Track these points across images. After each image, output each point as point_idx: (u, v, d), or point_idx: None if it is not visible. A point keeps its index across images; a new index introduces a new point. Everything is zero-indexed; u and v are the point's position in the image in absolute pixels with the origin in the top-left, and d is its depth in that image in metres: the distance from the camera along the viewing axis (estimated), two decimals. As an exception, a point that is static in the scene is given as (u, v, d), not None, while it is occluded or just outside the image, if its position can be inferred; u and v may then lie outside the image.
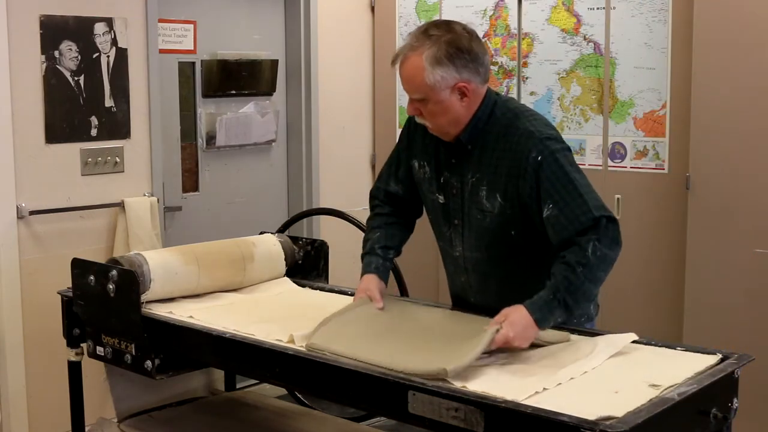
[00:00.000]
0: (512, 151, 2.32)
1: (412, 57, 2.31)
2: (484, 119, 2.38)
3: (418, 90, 2.32)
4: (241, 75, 4.47)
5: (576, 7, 4.21)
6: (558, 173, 2.28)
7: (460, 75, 2.30)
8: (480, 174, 2.39)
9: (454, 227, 2.49)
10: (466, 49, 2.30)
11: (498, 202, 2.35)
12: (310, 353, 2.27)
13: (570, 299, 2.21)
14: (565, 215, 2.25)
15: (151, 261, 2.78)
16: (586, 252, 2.21)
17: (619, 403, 1.88)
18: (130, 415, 3.05)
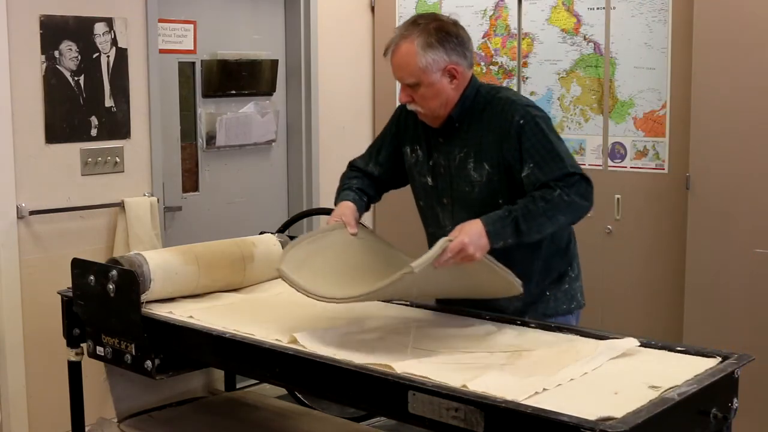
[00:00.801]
0: (497, 119, 2.50)
1: (404, 44, 2.48)
2: (471, 97, 2.55)
3: (412, 74, 2.48)
4: (241, 75, 4.47)
5: (576, 7, 4.21)
6: (539, 136, 2.44)
7: (450, 58, 2.48)
8: (467, 148, 2.54)
9: (443, 206, 2.63)
10: (454, 34, 2.51)
11: (486, 170, 2.51)
12: (310, 353, 2.27)
13: (523, 224, 2.36)
14: (543, 172, 2.41)
15: (151, 261, 2.78)
16: (552, 191, 2.37)
17: (619, 403, 1.88)
18: (130, 415, 3.05)
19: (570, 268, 2.67)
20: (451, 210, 2.61)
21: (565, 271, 2.66)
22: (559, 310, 2.64)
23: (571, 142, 4.26)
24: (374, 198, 2.83)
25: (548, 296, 2.63)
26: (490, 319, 2.59)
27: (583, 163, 4.23)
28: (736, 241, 3.66)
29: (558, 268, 2.64)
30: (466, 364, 2.17)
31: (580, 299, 2.70)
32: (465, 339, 2.41)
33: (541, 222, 2.38)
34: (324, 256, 2.56)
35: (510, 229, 2.35)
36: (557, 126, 4.28)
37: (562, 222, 2.43)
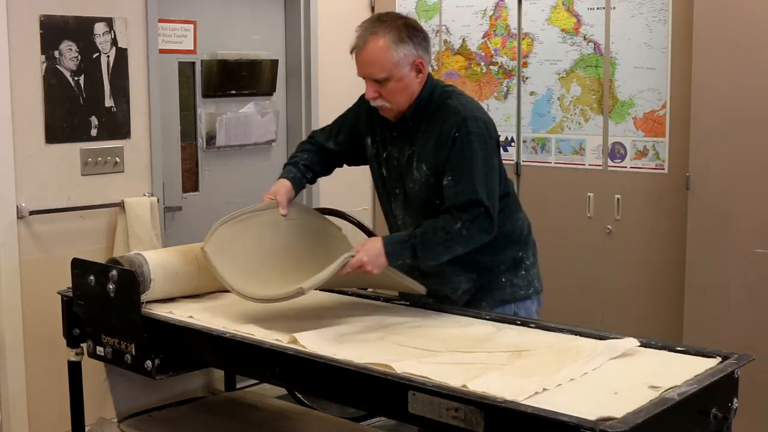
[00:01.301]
0: (440, 126, 2.59)
1: (374, 40, 2.57)
2: (425, 98, 2.64)
3: (383, 69, 2.56)
4: (241, 75, 4.47)
5: (576, 7, 4.21)
6: (465, 151, 2.54)
7: (417, 52, 2.58)
8: (414, 147, 2.65)
9: (395, 196, 2.75)
10: (420, 29, 2.62)
11: (424, 171, 2.62)
12: (310, 353, 2.27)
13: (420, 251, 2.51)
14: (456, 189, 2.53)
15: (151, 261, 2.78)
16: (454, 224, 2.50)
17: (619, 403, 1.88)
18: (130, 415, 3.05)
19: (525, 256, 2.77)
20: (402, 201, 2.73)
21: (520, 258, 2.75)
22: (517, 295, 2.74)
23: (571, 143, 4.26)
24: (321, 173, 2.94)
25: (504, 282, 2.73)
26: (490, 319, 2.59)
27: (582, 164, 4.23)
28: (736, 241, 3.66)
29: (512, 255, 2.74)
30: (466, 364, 2.17)
31: (537, 285, 2.81)
32: (465, 339, 2.41)
33: (438, 251, 2.52)
34: (251, 237, 2.69)
35: (408, 253, 2.51)
36: (557, 126, 4.30)
37: (459, 252, 2.55)
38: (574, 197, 4.24)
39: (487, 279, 2.72)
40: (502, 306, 2.72)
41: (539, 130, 4.38)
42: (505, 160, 4.44)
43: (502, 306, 2.72)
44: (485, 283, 2.72)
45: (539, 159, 4.38)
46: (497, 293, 2.73)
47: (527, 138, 4.41)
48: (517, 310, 2.74)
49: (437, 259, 2.55)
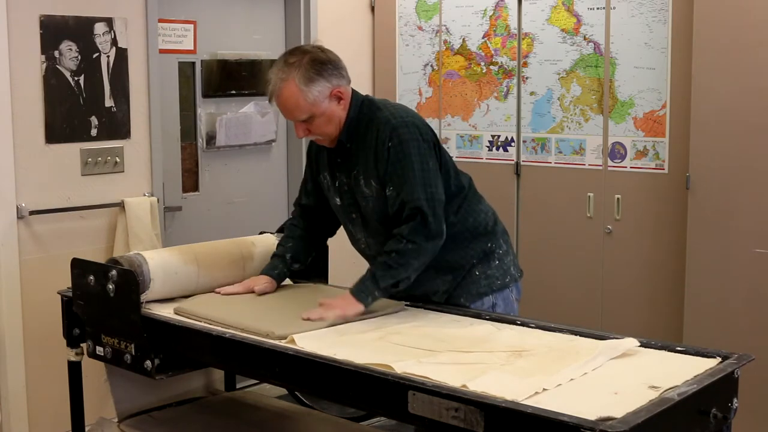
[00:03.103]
0: (375, 140, 2.65)
1: (286, 86, 2.60)
2: (355, 117, 2.69)
3: (303, 111, 2.61)
4: (241, 75, 4.47)
5: (576, 7, 4.21)
6: (402, 160, 2.60)
7: (331, 83, 2.63)
8: (359, 166, 2.69)
9: (353, 221, 2.80)
10: (327, 60, 2.65)
11: (373, 186, 2.66)
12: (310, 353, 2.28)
13: (381, 279, 2.58)
14: (400, 198, 2.60)
15: (150, 261, 2.78)
16: (399, 243, 2.58)
17: (619, 403, 1.88)
18: (130, 415, 3.05)
19: (496, 245, 2.79)
20: (360, 223, 2.78)
21: (490, 249, 2.78)
22: (493, 286, 2.77)
23: (571, 142, 4.26)
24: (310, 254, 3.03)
25: (478, 276, 2.75)
26: (490, 319, 2.59)
27: (582, 164, 4.23)
28: (736, 241, 3.66)
29: (481, 248, 2.76)
30: (466, 364, 2.17)
31: (514, 273, 2.84)
32: (465, 339, 2.41)
33: (396, 271, 2.58)
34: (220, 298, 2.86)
35: (370, 284, 2.59)
36: (557, 126, 4.30)
37: (417, 266, 2.60)
38: (574, 197, 4.24)
39: (461, 275, 2.75)
40: (480, 299, 2.75)
41: (539, 130, 4.38)
42: (505, 160, 4.47)
43: (480, 299, 2.75)
44: (460, 280, 2.75)
45: (539, 159, 4.38)
46: (473, 287, 2.75)
47: (527, 138, 4.41)
48: (495, 300, 2.77)
49: (398, 277, 2.60)
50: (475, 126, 4.59)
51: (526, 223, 4.39)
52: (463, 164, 4.65)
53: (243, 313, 2.62)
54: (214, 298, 2.84)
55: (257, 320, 2.53)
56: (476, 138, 4.59)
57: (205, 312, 2.65)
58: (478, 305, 2.75)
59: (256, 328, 2.46)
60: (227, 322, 2.55)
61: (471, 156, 4.59)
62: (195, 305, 2.73)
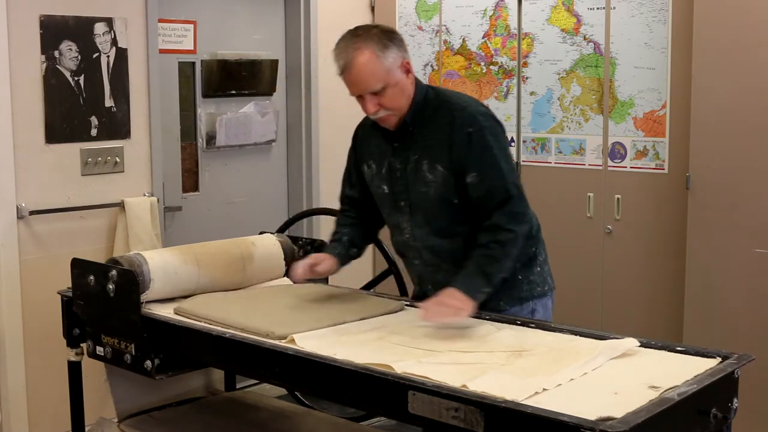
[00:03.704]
0: (448, 124, 2.58)
1: (360, 53, 2.53)
2: (421, 102, 2.63)
3: (379, 79, 2.54)
4: (241, 75, 4.47)
5: (576, 7, 4.21)
6: (483, 148, 2.55)
7: (402, 54, 2.58)
8: (422, 151, 2.62)
9: (401, 210, 2.71)
10: (396, 34, 2.62)
11: (439, 171, 2.58)
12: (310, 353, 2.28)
13: (488, 268, 2.50)
14: (484, 186, 2.55)
15: (150, 261, 2.78)
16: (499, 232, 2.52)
17: (619, 403, 1.88)
18: (130, 415, 3.05)
19: (538, 252, 2.76)
20: (408, 212, 2.69)
21: (534, 254, 2.73)
22: (534, 293, 2.72)
23: (571, 142, 4.26)
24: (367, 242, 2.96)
25: (521, 280, 2.70)
26: (489, 319, 2.59)
27: (582, 164, 4.23)
28: (736, 241, 3.66)
29: (526, 252, 2.70)
30: (466, 364, 2.17)
31: (551, 282, 2.80)
32: (465, 339, 2.41)
33: (501, 263, 2.53)
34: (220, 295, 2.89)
35: (479, 278, 2.50)
36: (557, 126, 4.30)
37: (515, 254, 2.56)
38: (574, 197, 4.24)
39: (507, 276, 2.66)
40: (520, 303, 2.70)
41: (539, 130, 4.38)
42: (505, 160, 4.47)
43: (521, 303, 2.70)
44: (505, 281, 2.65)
45: (539, 159, 4.38)
46: (515, 291, 2.69)
47: (527, 138, 4.41)
48: (535, 307, 2.72)
49: (503, 270, 2.54)
50: (475, 126, 4.59)
51: (526, 223, 4.40)
52: (463, 164, 4.67)
53: (243, 313, 2.62)
54: (214, 298, 2.84)
55: (257, 320, 2.53)
56: (476, 138, 4.58)
57: (205, 312, 2.65)
58: (517, 310, 2.69)
59: (256, 328, 2.46)
60: (227, 322, 2.55)
61: (471, 156, 4.58)
62: (195, 305, 2.73)
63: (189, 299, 2.81)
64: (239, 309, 2.69)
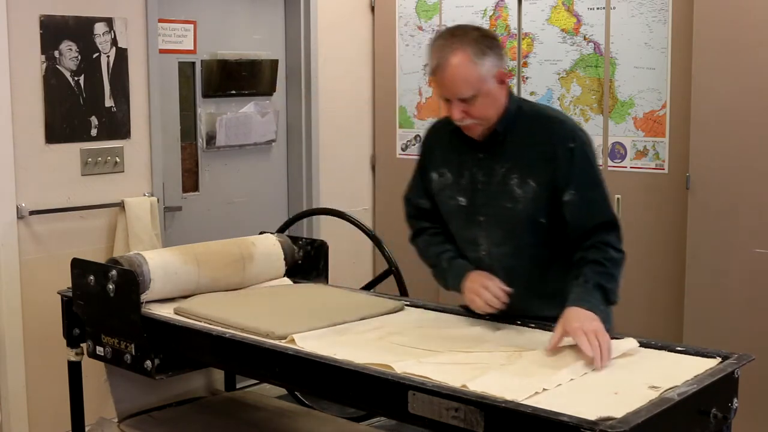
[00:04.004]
0: (547, 137, 2.41)
1: (456, 57, 2.33)
2: (513, 112, 2.45)
3: (471, 86, 2.34)
4: (241, 75, 4.47)
5: (576, 7, 4.21)
6: (586, 164, 2.40)
7: (498, 63, 2.39)
8: (511, 163, 2.44)
9: (478, 225, 2.51)
10: (495, 37, 2.44)
11: (531, 186, 2.41)
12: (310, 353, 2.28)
13: (606, 284, 2.32)
14: (586, 204, 2.38)
15: (150, 261, 2.78)
16: (607, 250, 2.36)
17: (619, 403, 1.88)
18: (130, 415, 3.05)
19: None
20: (486, 228, 2.51)
21: None
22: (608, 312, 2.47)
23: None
24: None
25: None
26: (489, 319, 2.59)
27: (583, 163, 4.23)
28: (736, 241, 3.66)
29: None
30: (466, 364, 2.17)
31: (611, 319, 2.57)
32: (465, 339, 2.41)
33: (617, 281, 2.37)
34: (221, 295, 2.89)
35: (597, 293, 2.32)
36: (557, 126, 4.30)
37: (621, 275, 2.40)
38: (574, 197, 4.23)
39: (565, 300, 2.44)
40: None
41: (539, 130, 4.37)
42: (505, 160, 4.47)
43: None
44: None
45: (539, 159, 4.38)
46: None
47: (527, 138, 4.41)
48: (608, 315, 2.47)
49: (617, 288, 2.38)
50: (475, 126, 4.59)
51: (526, 223, 4.39)
52: (463, 164, 4.67)
53: (243, 313, 2.62)
54: (214, 298, 2.84)
55: (257, 320, 2.53)
56: (476, 138, 4.58)
57: (205, 312, 2.65)
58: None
59: (256, 328, 2.46)
60: (227, 322, 2.55)
61: (471, 156, 4.59)
62: (195, 305, 2.73)
63: (189, 299, 2.81)
64: (239, 309, 2.69)
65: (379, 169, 5.01)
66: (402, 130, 4.90)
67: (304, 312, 2.65)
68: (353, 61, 4.94)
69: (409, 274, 3.78)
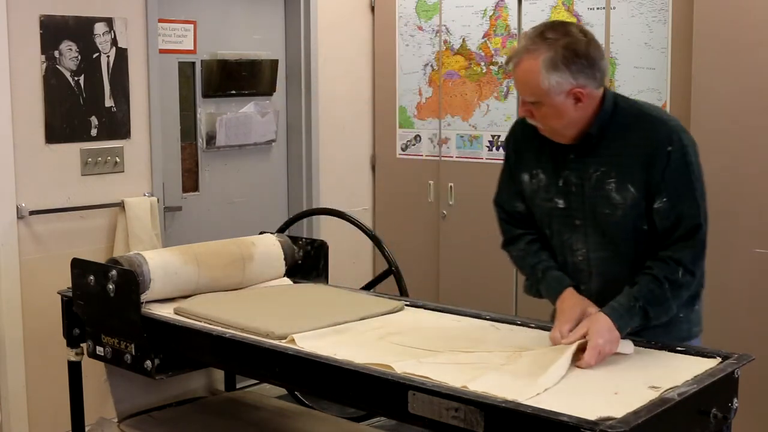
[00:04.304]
0: (646, 139, 2.28)
1: (528, 60, 2.24)
2: (609, 111, 2.32)
3: (533, 93, 2.26)
4: (241, 75, 4.47)
5: (576, 7, 4.21)
6: (682, 171, 2.28)
7: (576, 80, 2.23)
8: (606, 166, 2.31)
9: (575, 229, 2.39)
10: (583, 54, 2.24)
11: (630, 192, 2.28)
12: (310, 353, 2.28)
13: (652, 311, 2.23)
14: (673, 215, 2.27)
15: (150, 261, 2.78)
16: (677, 269, 2.24)
17: (619, 403, 1.88)
18: (130, 415, 3.05)
19: (701, 288, 2.49)
20: (584, 232, 2.38)
21: (697, 292, 2.46)
22: (692, 332, 2.45)
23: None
24: None
25: (681, 318, 2.40)
26: (490, 319, 2.59)
27: (583, 163, 4.23)
28: (736, 241, 3.65)
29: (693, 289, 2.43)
30: (466, 364, 2.17)
31: (702, 316, 2.53)
32: (465, 339, 2.41)
33: (668, 306, 2.26)
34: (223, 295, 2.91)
35: (638, 318, 2.24)
36: (557, 126, 4.29)
37: (686, 296, 2.30)
38: (574, 197, 4.23)
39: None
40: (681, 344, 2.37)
41: (539, 130, 4.37)
42: (505, 160, 4.46)
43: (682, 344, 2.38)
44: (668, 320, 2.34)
45: (539, 159, 4.38)
46: (675, 330, 2.39)
47: (527, 138, 4.41)
48: None
49: (668, 313, 2.27)
50: (475, 126, 4.59)
51: (526, 223, 4.39)
52: (463, 164, 4.67)
53: (243, 313, 2.62)
54: (214, 298, 2.84)
55: (257, 320, 2.53)
56: (476, 138, 4.59)
57: (205, 312, 2.65)
58: None
59: (256, 328, 2.46)
60: (227, 322, 2.55)
61: (471, 156, 4.59)
62: (195, 305, 2.73)
63: (189, 299, 2.81)
64: (239, 309, 2.69)
65: (379, 169, 5.01)
66: (402, 130, 4.90)
67: (304, 312, 2.65)
68: (353, 61, 4.94)
69: (409, 274, 3.78)
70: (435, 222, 4.70)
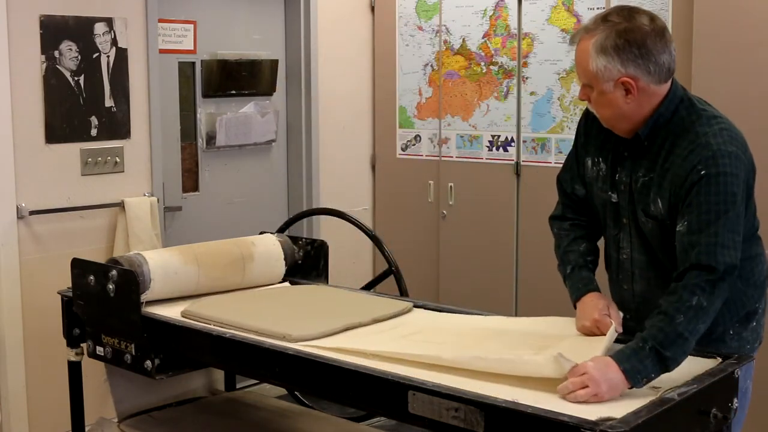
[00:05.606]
0: (683, 158, 2.16)
1: (584, 41, 2.20)
2: (666, 116, 2.22)
3: (584, 74, 2.21)
4: (241, 75, 4.47)
5: (576, 7, 4.21)
6: (710, 197, 2.10)
7: (625, 69, 2.15)
8: (650, 173, 2.23)
9: (623, 227, 2.33)
10: (638, 43, 2.16)
11: (660, 209, 2.21)
12: (310, 353, 2.28)
13: (665, 351, 1.99)
14: (691, 241, 2.10)
15: (151, 261, 2.78)
16: (691, 297, 2.04)
17: (619, 403, 1.88)
18: (130, 415, 3.05)
19: (759, 304, 2.32)
20: (629, 232, 2.31)
21: (755, 308, 2.31)
22: (741, 350, 2.28)
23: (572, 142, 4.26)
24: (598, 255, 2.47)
25: (731, 335, 2.28)
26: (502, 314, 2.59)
27: (583, 163, 4.23)
28: (736, 241, 3.65)
29: (748, 305, 2.29)
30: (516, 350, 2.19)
31: (761, 334, 2.35)
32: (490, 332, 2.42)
33: (685, 342, 2.02)
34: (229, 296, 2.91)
35: (651, 362, 1.99)
36: (557, 126, 4.30)
37: (702, 330, 2.06)
38: (574, 197, 4.24)
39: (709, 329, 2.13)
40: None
41: (539, 130, 4.38)
42: (505, 160, 4.47)
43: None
44: (706, 333, 2.13)
45: (539, 159, 4.38)
46: (723, 347, 2.25)
47: (527, 138, 4.41)
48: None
49: (686, 351, 2.04)
50: (475, 126, 4.59)
51: (526, 223, 4.39)
52: (463, 164, 4.67)
53: (255, 316, 2.60)
54: (222, 300, 2.83)
55: (269, 322, 2.51)
56: (476, 138, 4.59)
57: (214, 315, 2.62)
58: None
59: (271, 331, 2.44)
60: (240, 324, 2.53)
61: (471, 156, 4.59)
62: (203, 308, 2.71)
63: (197, 301, 2.79)
64: (249, 311, 2.67)
65: (379, 169, 5.02)
66: (402, 130, 4.90)
67: (314, 313, 2.64)
68: (353, 61, 4.94)
69: (409, 274, 3.79)
70: (435, 222, 4.71)
